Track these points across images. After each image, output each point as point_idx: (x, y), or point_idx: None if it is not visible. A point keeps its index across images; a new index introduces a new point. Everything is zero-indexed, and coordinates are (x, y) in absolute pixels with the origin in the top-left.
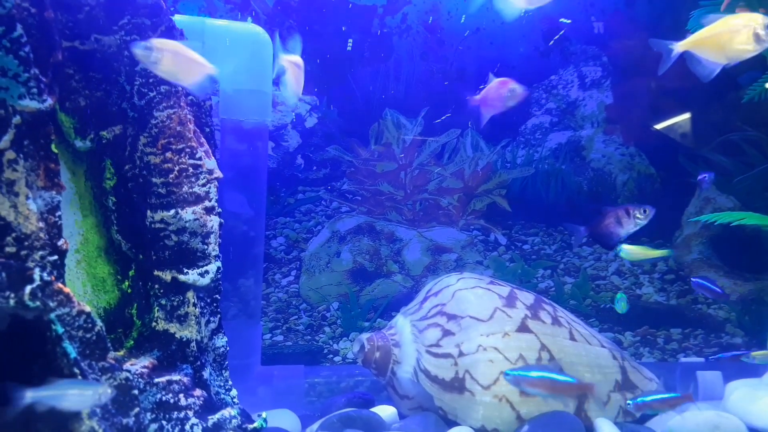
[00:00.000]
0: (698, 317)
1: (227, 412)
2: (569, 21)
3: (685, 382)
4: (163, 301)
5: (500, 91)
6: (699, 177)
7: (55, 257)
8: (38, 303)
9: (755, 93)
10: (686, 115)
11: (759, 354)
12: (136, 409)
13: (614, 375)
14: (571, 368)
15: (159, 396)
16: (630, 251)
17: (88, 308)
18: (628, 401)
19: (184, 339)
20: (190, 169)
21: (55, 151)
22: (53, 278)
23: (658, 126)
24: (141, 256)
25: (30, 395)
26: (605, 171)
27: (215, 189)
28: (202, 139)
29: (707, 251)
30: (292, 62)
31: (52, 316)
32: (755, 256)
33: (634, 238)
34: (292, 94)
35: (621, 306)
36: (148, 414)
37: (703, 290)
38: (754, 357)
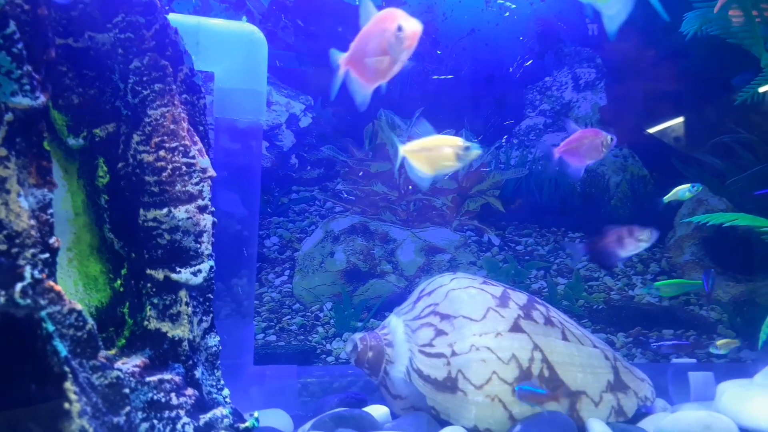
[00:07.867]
0: (690, 318)
1: (219, 411)
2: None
3: (677, 382)
4: (156, 300)
5: (593, 142)
6: None
7: (47, 255)
8: (29, 301)
9: (748, 95)
10: (679, 118)
11: (722, 343)
12: (127, 408)
13: (606, 375)
14: (563, 368)
15: (150, 395)
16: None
17: (79, 306)
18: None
19: (176, 338)
20: (184, 168)
21: (48, 148)
22: (44, 276)
23: (652, 128)
24: (133, 255)
25: None
26: (598, 172)
27: (209, 188)
28: (196, 138)
29: (700, 252)
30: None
31: (43, 314)
32: (747, 257)
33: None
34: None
35: None
36: (139, 413)
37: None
38: (719, 346)
